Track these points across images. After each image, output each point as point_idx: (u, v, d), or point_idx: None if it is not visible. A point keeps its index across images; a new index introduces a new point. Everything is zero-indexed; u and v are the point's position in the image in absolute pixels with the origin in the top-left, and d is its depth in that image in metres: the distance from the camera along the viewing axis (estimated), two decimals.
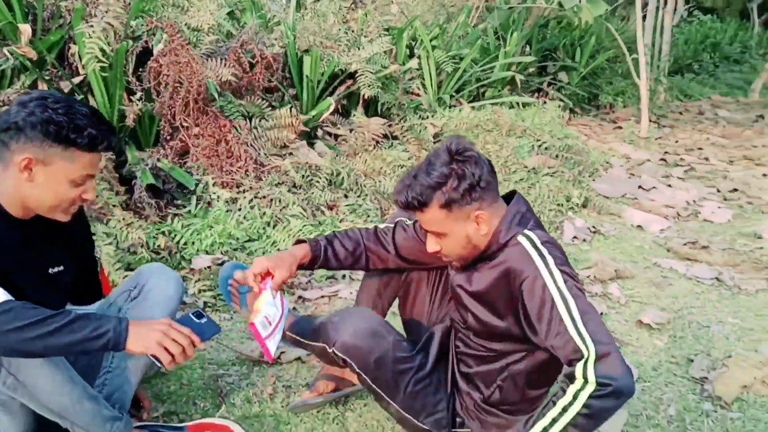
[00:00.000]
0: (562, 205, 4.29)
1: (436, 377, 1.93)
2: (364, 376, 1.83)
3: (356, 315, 1.90)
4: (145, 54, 3.71)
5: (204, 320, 1.77)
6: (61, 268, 1.85)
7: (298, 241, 2.04)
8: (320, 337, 1.88)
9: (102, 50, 3.33)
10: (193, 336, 1.67)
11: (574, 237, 3.92)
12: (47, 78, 3.51)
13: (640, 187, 4.86)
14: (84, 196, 1.73)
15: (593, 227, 4.06)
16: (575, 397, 1.56)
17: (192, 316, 1.77)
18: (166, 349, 1.63)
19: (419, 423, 1.88)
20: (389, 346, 1.83)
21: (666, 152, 6.06)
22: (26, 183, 1.66)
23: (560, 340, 1.60)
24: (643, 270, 3.52)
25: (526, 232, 1.75)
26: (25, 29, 3.37)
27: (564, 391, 1.58)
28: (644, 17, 8.40)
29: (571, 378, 1.58)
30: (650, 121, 6.60)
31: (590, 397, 1.54)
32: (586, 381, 1.54)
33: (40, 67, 3.52)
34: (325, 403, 2.18)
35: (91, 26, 3.32)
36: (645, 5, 8.64)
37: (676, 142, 6.55)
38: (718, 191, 4.98)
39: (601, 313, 2.84)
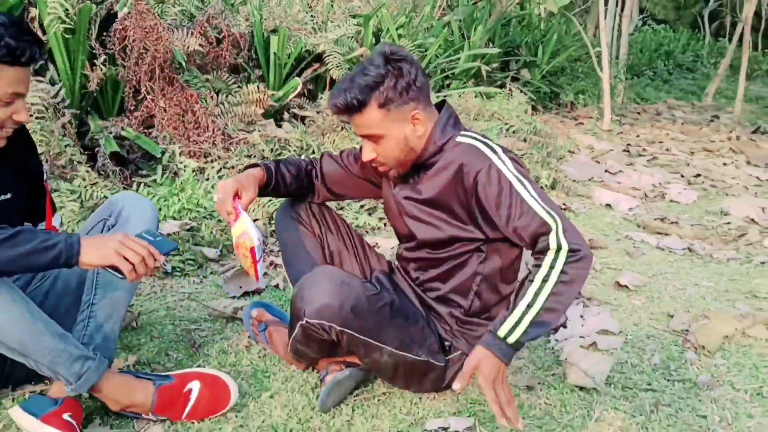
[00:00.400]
0: None
1: (408, 307, 1.90)
2: (349, 331, 1.73)
3: (312, 277, 1.77)
4: (109, 20, 3.59)
5: (159, 238, 1.68)
6: (9, 195, 1.73)
7: (250, 166, 2.01)
8: (295, 319, 1.78)
9: (65, 11, 3.20)
10: (151, 248, 1.59)
11: None
12: None
13: (606, 171, 4.90)
14: (15, 117, 1.60)
15: (563, 204, 4.05)
16: (552, 266, 1.62)
17: (145, 234, 1.67)
18: (125, 259, 1.53)
19: (417, 357, 1.81)
20: (358, 290, 1.75)
21: (629, 144, 6.14)
22: None
23: (525, 219, 1.67)
24: (615, 242, 3.52)
25: (464, 132, 1.83)
26: None
27: (539, 266, 1.64)
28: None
29: (543, 251, 1.64)
30: (611, 118, 6.68)
31: (566, 263, 1.61)
32: (559, 248, 1.62)
33: None
34: (355, 377, 1.95)
35: None
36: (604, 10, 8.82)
37: (638, 136, 6.63)
38: (682, 176, 5.05)
39: None
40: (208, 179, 3.43)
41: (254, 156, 3.73)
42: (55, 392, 1.71)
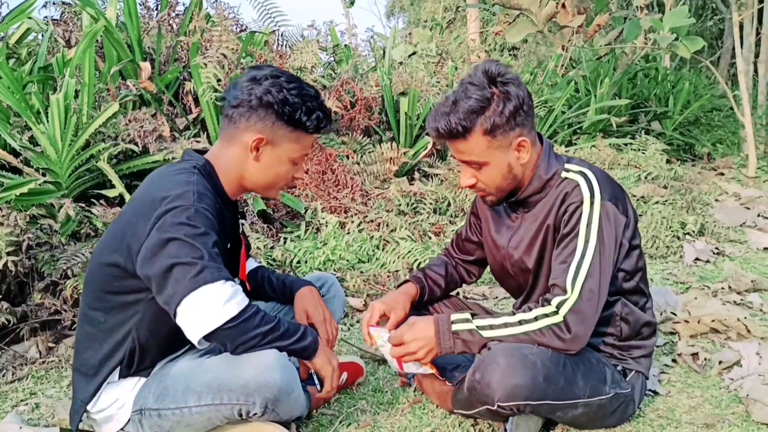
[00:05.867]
0: (677, 231, 4.07)
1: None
2: (546, 402, 1.63)
3: (487, 359, 1.64)
4: None
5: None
6: (228, 245, 1.87)
7: (402, 282, 2.08)
8: (478, 403, 1.67)
9: (217, 79, 3.45)
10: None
11: (697, 259, 3.68)
12: (165, 114, 3.65)
13: (759, 215, 4.58)
14: (296, 175, 1.79)
15: (716, 249, 3.81)
16: (537, 318, 1.63)
17: None
18: (332, 379, 1.75)
19: (607, 395, 1.74)
20: (541, 355, 1.63)
21: None
22: (251, 162, 1.70)
23: (559, 271, 1.67)
24: None
25: (567, 165, 1.76)
26: (145, 66, 3.54)
27: (530, 309, 1.65)
28: (733, 65, 8.22)
29: (545, 301, 1.65)
30: (756, 165, 6.29)
31: (549, 326, 1.62)
32: (556, 312, 1.62)
33: (158, 103, 3.68)
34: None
35: (206, 57, 3.46)
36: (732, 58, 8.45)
37: None
38: None
39: (743, 318, 2.59)
40: (349, 233, 3.51)
41: (392, 210, 3.79)
42: None
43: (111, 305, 1.67)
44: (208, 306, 1.50)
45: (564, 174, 1.75)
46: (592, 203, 1.67)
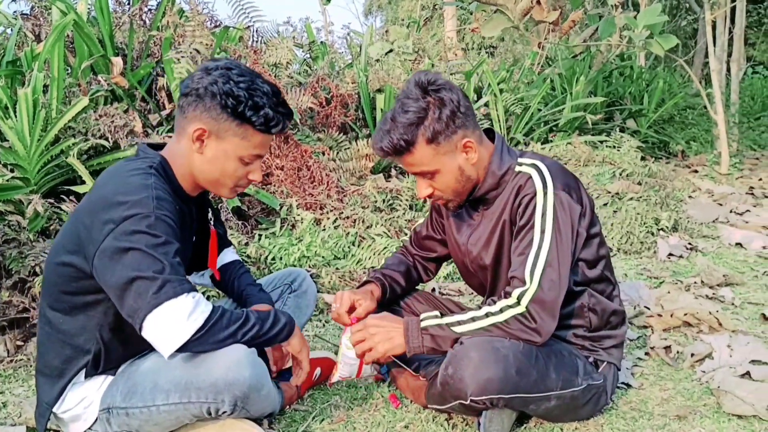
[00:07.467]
0: (651, 227, 4.11)
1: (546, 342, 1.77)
2: (518, 395, 1.63)
3: (459, 353, 1.64)
4: None
5: None
6: (194, 239, 1.85)
7: (365, 282, 2.09)
8: (451, 398, 1.67)
9: (189, 73, 3.41)
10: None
11: (670, 254, 3.71)
12: (138, 109, 3.61)
13: (732, 211, 4.63)
14: (250, 176, 1.72)
15: (689, 244, 3.85)
16: (502, 310, 1.64)
17: None
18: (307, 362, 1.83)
19: (579, 387, 1.74)
20: (513, 348, 1.63)
21: (751, 187, 5.81)
22: (196, 154, 1.64)
23: (518, 262, 1.68)
24: (753, 279, 3.28)
25: (521, 159, 1.79)
26: (117, 61, 3.49)
27: (494, 302, 1.67)
28: (707, 64, 8.31)
29: (506, 294, 1.66)
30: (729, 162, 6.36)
31: (515, 316, 1.63)
32: (517, 303, 1.63)
33: (130, 99, 3.63)
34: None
35: (179, 52, 3.42)
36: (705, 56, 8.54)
37: (760, 179, 6.27)
38: None
39: (715, 311, 2.62)
40: (324, 229, 3.49)
41: (368, 207, 3.78)
42: None
43: (71, 306, 1.62)
44: (173, 322, 1.47)
45: (518, 168, 1.77)
46: (545, 194, 1.69)
